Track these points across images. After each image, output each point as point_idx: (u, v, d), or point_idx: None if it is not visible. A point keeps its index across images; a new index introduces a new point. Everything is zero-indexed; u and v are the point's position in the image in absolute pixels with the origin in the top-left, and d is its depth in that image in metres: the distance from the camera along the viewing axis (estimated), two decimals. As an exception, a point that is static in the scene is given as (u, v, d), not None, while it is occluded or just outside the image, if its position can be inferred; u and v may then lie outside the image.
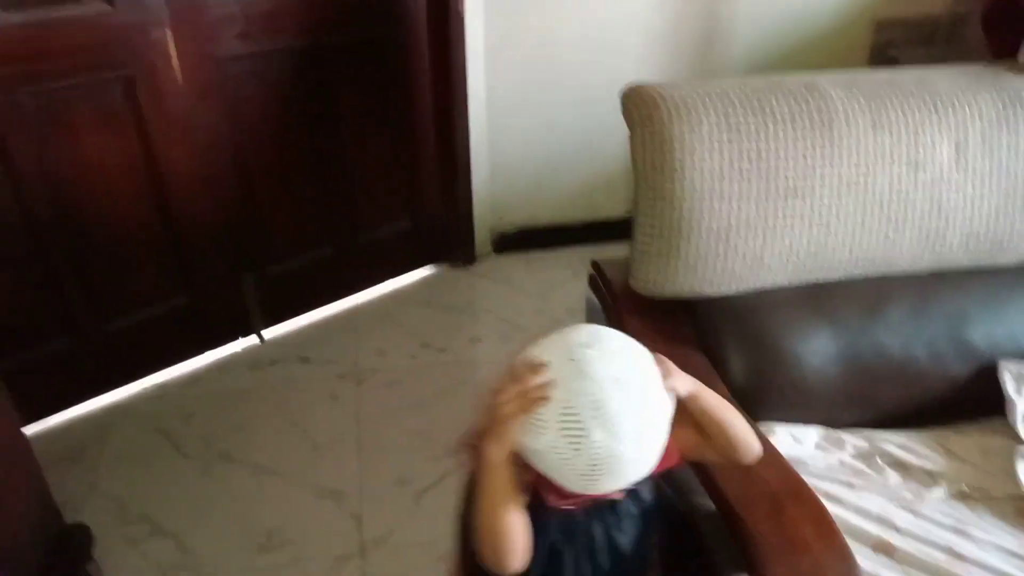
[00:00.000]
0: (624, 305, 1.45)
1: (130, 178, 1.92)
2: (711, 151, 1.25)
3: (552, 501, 0.94)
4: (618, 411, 0.83)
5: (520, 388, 0.85)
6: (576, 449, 0.83)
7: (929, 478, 1.25)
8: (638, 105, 1.30)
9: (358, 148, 2.28)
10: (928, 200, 1.28)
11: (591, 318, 1.63)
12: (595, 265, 1.56)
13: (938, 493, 1.23)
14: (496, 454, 0.87)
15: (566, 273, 2.58)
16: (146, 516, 1.80)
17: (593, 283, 1.58)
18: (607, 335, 0.89)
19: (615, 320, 1.47)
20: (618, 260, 1.49)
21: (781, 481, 1.09)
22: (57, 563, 1.59)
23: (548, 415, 0.84)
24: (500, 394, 0.86)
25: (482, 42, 2.32)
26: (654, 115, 1.27)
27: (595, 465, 0.84)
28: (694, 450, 0.99)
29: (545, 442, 0.85)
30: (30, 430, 1.98)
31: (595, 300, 1.57)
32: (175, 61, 1.87)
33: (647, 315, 1.41)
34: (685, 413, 0.94)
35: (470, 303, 2.53)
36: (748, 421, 1.00)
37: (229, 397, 2.14)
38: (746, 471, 1.08)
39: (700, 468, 1.13)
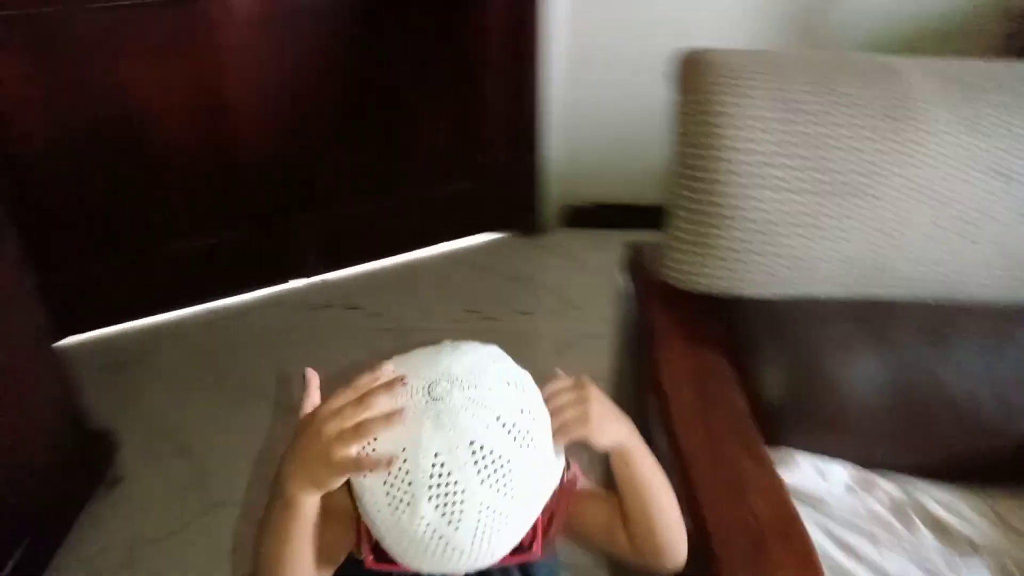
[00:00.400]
0: (653, 295, 1.32)
1: (192, 102, 1.94)
2: (761, 131, 1.09)
3: (377, 561, 0.69)
4: (463, 491, 0.61)
5: (360, 407, 0.62)
6: (396, 515, 0.63)
7: (969, 546, 1.06)
8: (686, 71, 1.15)
9: (420, 96, 2.22)
10: (1018, 219, 1.07)
11: (621, 305, 1.50)
12: (631, 247, 1.43)
13: (976, 565, 1.04)
14: (299, 493, 0.63)
15: (637, 257, 2.44)
16: (172, 435, 1.84)
17: (627, 266, 1.45)
18: (491, 374, 0.67)
19: (643, 310, 1.34)
20: (656, 244, 1.35)
21: (773, 515, 0.94)
22: (79, 461, 1.65)
23: (377, 454, 0.63)
24: (330, 410, 0.63)
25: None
26: (700, 83, 1.12)
27: (414, 542, 0.63)
28: (600, 532, 0.79)
29: (363, 485, 0.64)
30: (80, 338, 2.07)
31: (626, 285, 1.44)
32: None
33: (677, 309, 1.27)
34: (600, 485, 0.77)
35: (528, 275, 2.44)
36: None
37: (273, 334, 2.15)
38: (736, 498, 0.95)
39: (687, 478, 1.00)
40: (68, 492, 1.63)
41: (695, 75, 1.14)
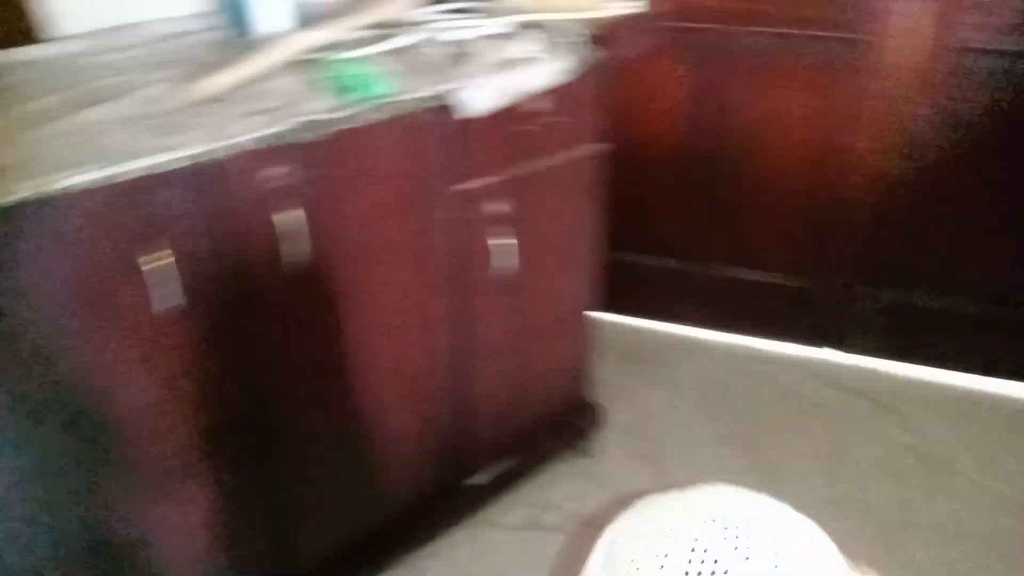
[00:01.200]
0: None
1: (813, 137, 1.85)
2: None
3: None
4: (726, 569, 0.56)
5: None
6: None
7: None
8: None
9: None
10: None
11: None
12: None
13: None
14: None
15: None
16: (649, 442, 1.84)
17: None
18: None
19: None
20: None
21: None
22: (567, 420, 1.79)
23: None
24: None
25: None
26: None
27: None
28: None
29: None
30: (615, 318, 2.18)
31: None
32: (915, 37, 1.68)
33: None
34: None
35: None
36: None
37: (792, 396, 1.97)
38: None
39: None
40: (547, 439, 1.76)
41: None
